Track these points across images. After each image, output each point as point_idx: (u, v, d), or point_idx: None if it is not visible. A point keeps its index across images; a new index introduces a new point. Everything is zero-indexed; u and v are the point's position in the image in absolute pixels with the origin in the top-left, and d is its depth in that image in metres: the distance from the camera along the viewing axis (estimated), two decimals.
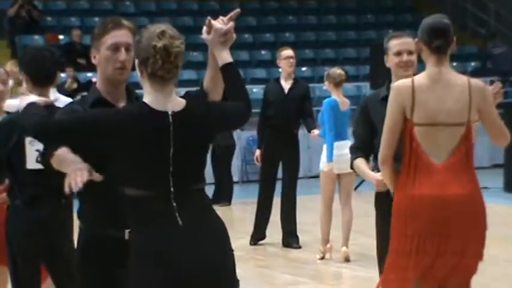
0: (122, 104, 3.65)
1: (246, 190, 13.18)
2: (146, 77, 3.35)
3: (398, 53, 4.82)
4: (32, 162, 4.59)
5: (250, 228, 9.91)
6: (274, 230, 9.68)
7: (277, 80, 9.60)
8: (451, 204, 4.20)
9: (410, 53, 4.80)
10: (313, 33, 20.55)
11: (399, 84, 4.33)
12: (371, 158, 5.15)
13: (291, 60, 9.40)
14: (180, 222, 3.31)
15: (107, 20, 3.69)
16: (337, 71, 8.69)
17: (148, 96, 3.36)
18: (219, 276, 3.35)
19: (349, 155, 5.14)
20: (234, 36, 3.61)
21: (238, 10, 3.65)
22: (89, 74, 16.90)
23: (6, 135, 4.61)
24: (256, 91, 16.43)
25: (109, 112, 3.44)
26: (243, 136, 15.88)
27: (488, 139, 4.46)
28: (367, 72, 16.78)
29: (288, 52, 9.38)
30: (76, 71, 16.25)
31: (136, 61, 3.38)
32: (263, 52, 19.41)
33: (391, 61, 4.87)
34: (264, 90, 9.84)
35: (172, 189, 3.32)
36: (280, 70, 9.65)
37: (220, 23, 3.59)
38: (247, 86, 17.20)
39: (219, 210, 13.49)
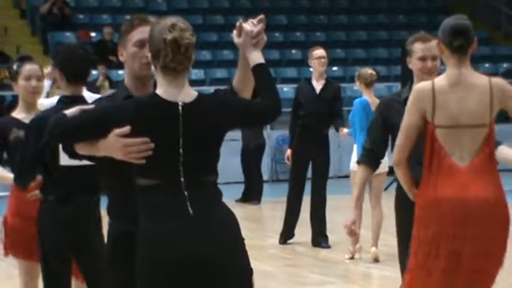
0: None
1: (276, 189, 13.18)
2: (159, 70, 3.41)
3: (423, 59, 4.77)
4: (65, 159, 4.60)
5: (279, 227, 9.91)
6: (304, 229, 9.67)
7: (309, 80, 9.60)
8: (471, 205, 4.16)
9: (434, 58, 4.76)
10: (344, 32, 20.51)
11: (419, 87, 4.31)
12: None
13: (323, 60, 9.39)
14: (191, 211, 3.36)
15: (133, 17, 3.74)
16: (368, 71, 8.66)
17: (161, 88, 3.41)
18: (228, 263, 3.38)
19: None
20: (265, 38, 3.63)
21: (262, 16, 3.66)
22: (120, 72, 16.99)
23: (39, 132, 4.65)
24: (286, 90, 16.43)
25: (120, 104, 3.50)
26: (273, 135, 15.90)
27: None
28: (398, 73, 16.72)
29: (319, 52, 9.37)
30: (107, 68, 16.35)
31: (149, 55, 3.44)
32: (294, 51, 19.41)
33: (414, 65, 4.82)
34: (296, 89, 9.84)
35: (182, 179, 3.38)
36: (311, 70, 9.65)
37: (250, 26, 3.61)
38: (278, 86, 17.19)
39: (249, 208, 13.60)
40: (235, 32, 3.64)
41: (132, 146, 3.35)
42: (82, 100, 4.63)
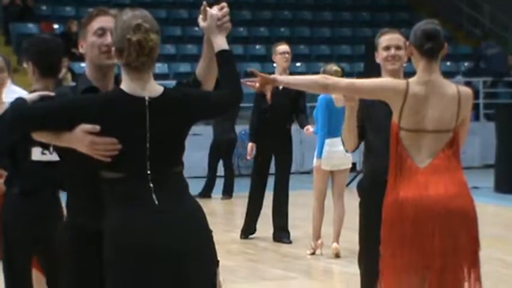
0: None
1: (237, 184, 13.19)
2: (122, 66, 3.42)
3: (387, 48, 4.92)
4: (37, 154, 4.61)
5: (241, 222, 9.92)
6: (266, 224, 9.70)
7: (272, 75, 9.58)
8: (432, 204, 4.21)
9: (398, 47, 4.91)
10: (308, 28, 20.57)
11: (397, 82, 4.38)
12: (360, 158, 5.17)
13: (287, 55, 9.40)
14: (156, 202, 3.37)
15: (93, 10, 3.75)
16: (333, 67, 8.69)
17: (125, 82, 3.42)
18: (192, 253, 3.39)
19: (343, 152, 5.24)
20: (230, 24, 3.66)
21: (225, 3, 3.71)
22: (83, 65, 16.85)
23: None
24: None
25: (86, 97, 3.49)
26: (236, 130, 15.90)
27: (480, 139, 4.52)
28: (361, 70, 16.81)
29: (283, 47, 9.38)
30: (70, 60, 16.23)
31: (109, 42, 3.47)
32: (257, 46, 19.42)
33: (380, 56, 4.97)
34: None
35: (149, 171, 3.38)
36: (274, 65, 9.66)
37: (215, 11, 3.65)
38: (241, 80, 17.11)
39: (209, 203, 13.53)
40: (200, 16, 3.66)
41: (99, 144, 3.36)
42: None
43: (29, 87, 6.85)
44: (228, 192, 13.17)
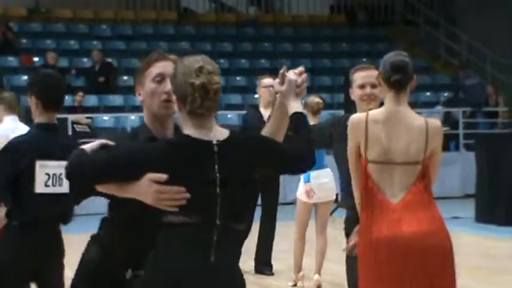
0: None
1: None
2: (185, 114, 3.22)
3: (362, 86, 4.80)
4: (41, 186, 4.60)
5: None
6: (247, 256, 9.66)
7: (257, 108, 9.60)
8: (408, 242, 4.09)
9: (373, 86, 4.74)
10: (288, 60, 20.69)
11: (354, 117, 4.30)
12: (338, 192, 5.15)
13: (271, 88, 9.40)
14: (212, 258, 3.20)
15: (151, 54, 3.55)
16: (315, 99, 8.69)
17: (190, 129, 3.23)
18: None
19: (328, 184, 5.17)
20: (305, 90, 3.56)
21: (303, 68, 3.60)
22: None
23: (17, 157, 4.61)
24: (230, 117, 16.47)
25: (150, 145, 3.29)
26: None
27: (460, 169, 4.48)
28: (341, 101, 16.90)
29: (268, 80, 9.40)
30: None
31: (175, 97, 3.25)
32: (238, 78, 19.49)
33: (355, 94, 4.85)
34: (244, 117, 9.84)
35: (218, 221, 3.20)
36: (256, 96, 9.67)
37: (294, 75, 3.55)
38: (222, 112, 17.28)
39: None
40: (277, 79, 3.55)
41: (166, 193, 3.16)
42: (55, 128, 4.67)
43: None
44: None
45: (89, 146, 3.30)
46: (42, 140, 4.67)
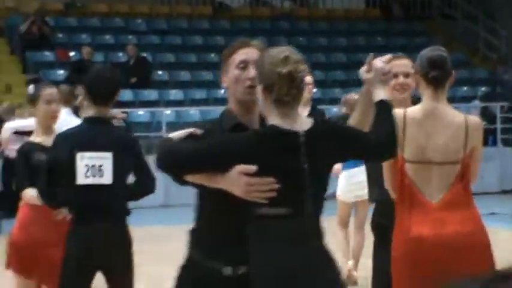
0: None
1: None
2: (271, 102, 3.29)
3: (395, 75, 4.59)
4: (81, 178, 4.67)
5: None
6: None
7: None
8: (452, 243, 3.99)
9: (406, 75, 4.64)
10: (323, 54, 20.57)
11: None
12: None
13: (310, 86, 9.17)
14: (313, 244, 3.27)
15: (235, 41, 3.60)
16: (354, 96, 8.54)
17: (275, 119, 3.30)
18: None
19: (364, 182, 5.06)
20: (392, 78, 3.68)
21: (390, 56, 3.75)
22: None
23: (64, 151, 4.70)
24: None
25: (238, 136, 3.33)
26: None
27: (497, 164, 4.34)
28: None
29: (307, 79, 9.23)
30: None
31: (260, 86, 3.31)
32: None
33: None
34: None
35: (308, 210, 3.27)
36: None
37: (381, 63, 3.63)
38: None
39: None
40: (364, 67, 3.64)
41: (255, 185, 3.20)
42: (106, 121, 4.75)
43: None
44: None
45: (177, 135, 3.39)
46: (85, 133, 4.75)
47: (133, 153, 4.73)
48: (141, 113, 17.05)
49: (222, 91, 18.48)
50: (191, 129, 3.40)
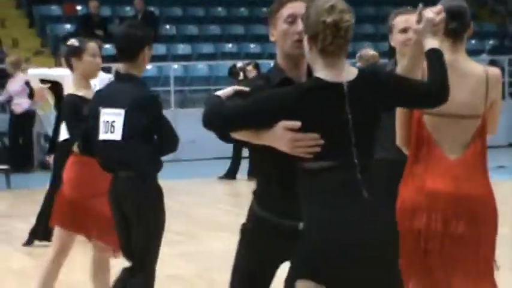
0: None
1: None
2: (317, 52, 3.28)
3: (404, 30, 4.57)
4: (100, 133, 4.81)
5: None
6: None
7: None
8: (464, 203, 3.92)
9: None
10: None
11: None
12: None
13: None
14: (365, 194, 3.27)
15: None
16: (369, 52, 8.45)
17: (321, 70, 3.30)
18: (392, 255, 3.32)
19: None
20: (442, 29, 3.64)
21: (442, 7, 3.68)
22: (107, 46, 16.86)
23: (94, 106, 4.87)
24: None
25: (282, 91, 3.33)
26: None
27: (505, 118, 4.24)
28: (385, 49, 16.71)
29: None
30: None
31: (306, 37, 3.30)
32: None
33: (396, 39, 4.64)
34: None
35: (356, 160, 3.28)
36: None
37: (431, 14, 3.62)
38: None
39: (235, 185, 13.47)
40: (416, 17, 3.63)
41: (300, 141, 3.24)
42: (130, 78, 4.81)
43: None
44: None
45: (223, 93, 3.41)
46: (109, 89, 4.92)
47: (148, 112, 4.76)
48: (149, 68, 17.01)
49: (230, 45, 18.45)
50: (238, 87, 3.43)
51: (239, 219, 3.64)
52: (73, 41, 5.46)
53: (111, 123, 4.77)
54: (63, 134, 5.55)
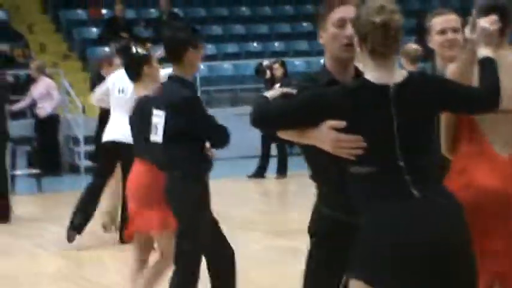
0: None
1: (291, 163, 13.15)
2: (366, 53, 3.31)
3: (442, 32, 4.43)
4: (152, 135, 5.02)
5: (295, 200, 9.88)
6: None
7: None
8: None
9: (455, 30, 4.42)
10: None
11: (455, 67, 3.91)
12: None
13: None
14: (417, 194, 3.25)
15: None
16: (413, 46, 8.30)
17: (370, 72, 3.32)
18: (452, 250, 3.24)
19: None
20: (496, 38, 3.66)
21: (496, 17, 3.68)
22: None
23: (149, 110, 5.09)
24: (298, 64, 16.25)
25: (329, 92, 3.37)
26: None
27: None
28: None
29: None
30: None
31: (356, 37, 3.34)
32: (304, 24, 19.33)
33: (434, 41, 4.48)
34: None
35: (402, 163, 3.27)
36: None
37: (485, 24, 3.63)
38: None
39: (264, 184, 13.43)
40: (468, 27, 3.66)
41: (344, 141, 3.27)
42: (177, 79, 4.96)
43: (76, 74, 6.85)
44: (282, 172, 13.17)
45: (271, 94, 3.45)
46: (159, 90, 5.18)
47: (185, 114, 4.85)
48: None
49: (255, 44, 18.46)
50: (285, 89, 3.46)
51: (271, 218, 3.63)
52: (138, 49, 5.70)
53: (156, 124, 4.96)
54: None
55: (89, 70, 15.94)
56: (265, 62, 13.36)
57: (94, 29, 17.95)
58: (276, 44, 18.62)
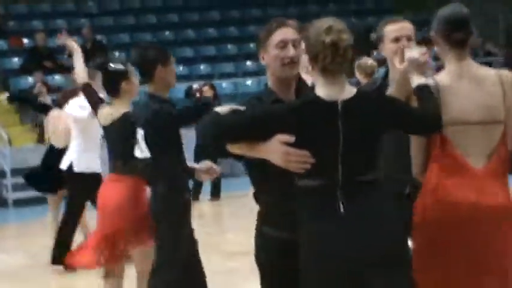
0: None
1: (225, 184, 13.09)
2: (317, 71, 3.43)
3: (396, 39, 4.37)
4: (138, 152, 5.12)
5: (231, 223, 9.81)
6: None
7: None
8: (487, 212, 3.73)
9: (409, 38, 4.37)
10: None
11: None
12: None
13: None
14: (341, 211, 3.34)
15: (271, 22, 3.76)
16: (368, 61, 8.33)
17: (321, 88, 3.42)
18: (367, 265, 3.32)
19: None
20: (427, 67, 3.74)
21: (425, 50, 3.75)
22: (57, 77, 16.69)
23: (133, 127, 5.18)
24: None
25: (278, 107, 3.50)
26: None
27: None
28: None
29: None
30: (44, 74, 16.07)
31: (307, 57, 3.46)
32: (252, 45, 19.34)
33: (387, 49, 4.40)
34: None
35: (340, 178, 3.37)
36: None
37: (417, 54, 3.72)
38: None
39: (203, 205, 13.33)
40: (397, 58, 3.80)
41: (293, 155, 3.35)
42: (151, 96, 5.07)
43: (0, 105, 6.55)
44: (215, 194, 13.11)
45: (221, 110, 3.52)
46: (138, 109, 5.32)
47: (158, 129, 4.97)
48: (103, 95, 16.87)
49: (181, 68, 18.37)
50: (234, 106, 3.55)
51: (206, 240, 3.62)
52: (116, 65, 5.63)
53: (139, 141, 5.10)
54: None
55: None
56: (195, 85, 13.38)
57: (15, 59, 17.64)
58: (202, 66, 18.61)
